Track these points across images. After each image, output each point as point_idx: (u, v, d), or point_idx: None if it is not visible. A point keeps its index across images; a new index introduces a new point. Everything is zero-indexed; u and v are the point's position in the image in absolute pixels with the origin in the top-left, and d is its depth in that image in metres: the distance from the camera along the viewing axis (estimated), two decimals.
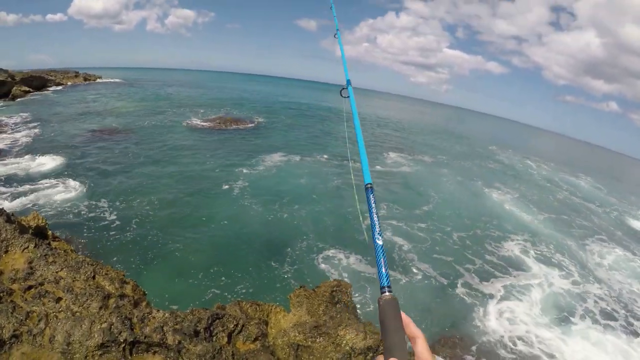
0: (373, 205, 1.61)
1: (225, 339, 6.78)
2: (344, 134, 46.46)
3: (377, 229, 1.47)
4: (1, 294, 5.88)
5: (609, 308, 16.27)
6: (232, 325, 6.99)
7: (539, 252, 20.59)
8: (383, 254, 1.38)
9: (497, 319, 13.84)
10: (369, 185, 1.76)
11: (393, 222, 20.53)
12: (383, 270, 1.31)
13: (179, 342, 6.05)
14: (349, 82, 3.23)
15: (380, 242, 1.43)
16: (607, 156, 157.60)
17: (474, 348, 12.08)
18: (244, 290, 12.61)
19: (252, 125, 44.78)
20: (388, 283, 1.25)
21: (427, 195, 26.85)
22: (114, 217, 16.73)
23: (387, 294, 1.22)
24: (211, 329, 6.74)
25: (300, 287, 9.17)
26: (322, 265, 14.84)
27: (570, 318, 14.85)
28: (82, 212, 16.89)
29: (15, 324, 5.35)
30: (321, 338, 7.38)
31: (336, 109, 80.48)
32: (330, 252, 15.92)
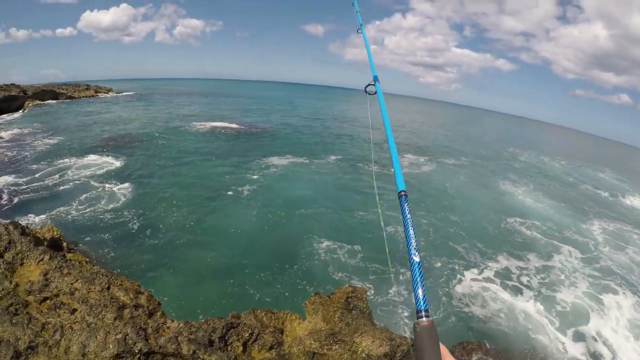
0: (408, 215, 1.42)
1: (240, 348, 6.67)
2: (358, 134, 46.50)
3: (414, 244, 1.32)
4: (17, 306, 5.90)
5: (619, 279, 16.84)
6: (247, 334, 6.87)
7: (558, 236, 21.12)
8: (420, 273, 1.23)
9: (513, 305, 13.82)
10: (402, 193, 1.57)
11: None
12: (420, 291, 1.17)
13: (194, 352, 5.96)
14: (375, 77, 2.91)
15: (417, 259, 1.26)
16: (623, 150, 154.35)
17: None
18: (258, 298, 12.44)
19: (262, 130, 45.28)
20: (425, 307, 1.12)
21: (446, 194, 26.67)
22: (136, 225, 16.77)
23: (424, 319, 1.09)
24: (226, 338, 6.64)
25: (316, 294, 9.01)
26: (336, 269, 14.60)
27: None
28: (103, 219, 17.09)
29: (31, 336, 5.35)
30: (337, 346, 7.21)
31: (343, 112, 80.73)
32: (342, 253, 15.71)
